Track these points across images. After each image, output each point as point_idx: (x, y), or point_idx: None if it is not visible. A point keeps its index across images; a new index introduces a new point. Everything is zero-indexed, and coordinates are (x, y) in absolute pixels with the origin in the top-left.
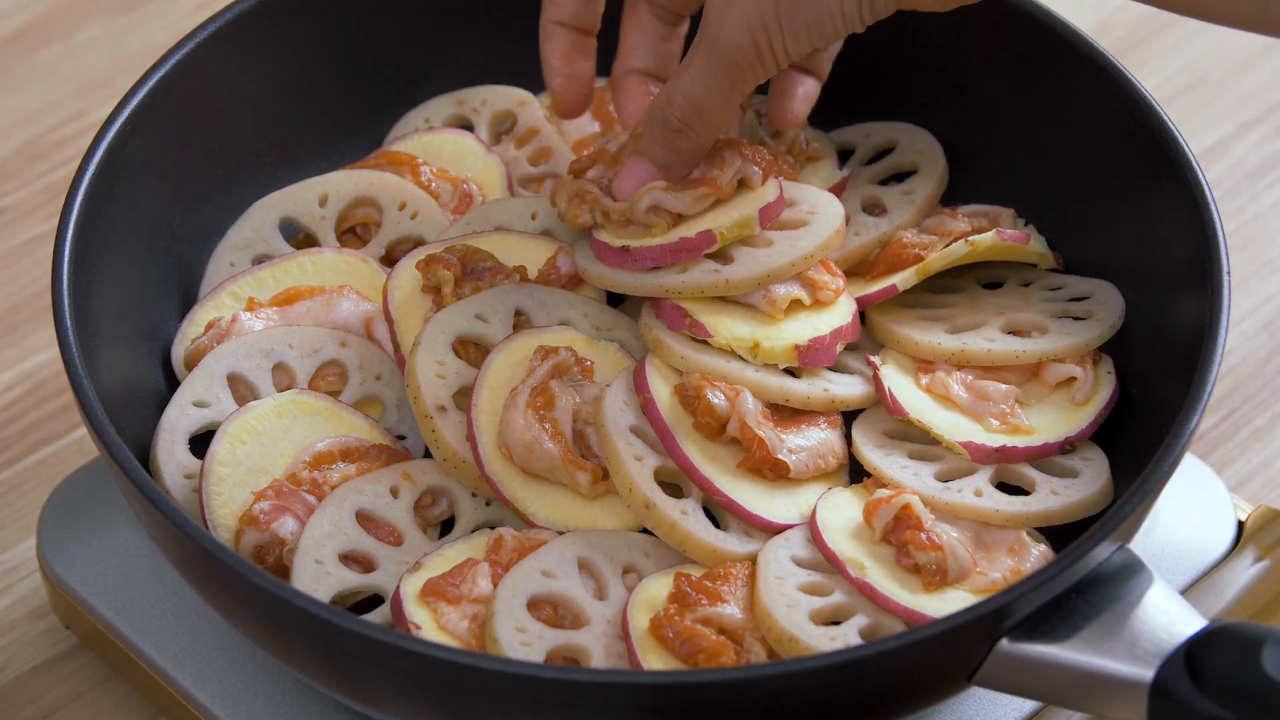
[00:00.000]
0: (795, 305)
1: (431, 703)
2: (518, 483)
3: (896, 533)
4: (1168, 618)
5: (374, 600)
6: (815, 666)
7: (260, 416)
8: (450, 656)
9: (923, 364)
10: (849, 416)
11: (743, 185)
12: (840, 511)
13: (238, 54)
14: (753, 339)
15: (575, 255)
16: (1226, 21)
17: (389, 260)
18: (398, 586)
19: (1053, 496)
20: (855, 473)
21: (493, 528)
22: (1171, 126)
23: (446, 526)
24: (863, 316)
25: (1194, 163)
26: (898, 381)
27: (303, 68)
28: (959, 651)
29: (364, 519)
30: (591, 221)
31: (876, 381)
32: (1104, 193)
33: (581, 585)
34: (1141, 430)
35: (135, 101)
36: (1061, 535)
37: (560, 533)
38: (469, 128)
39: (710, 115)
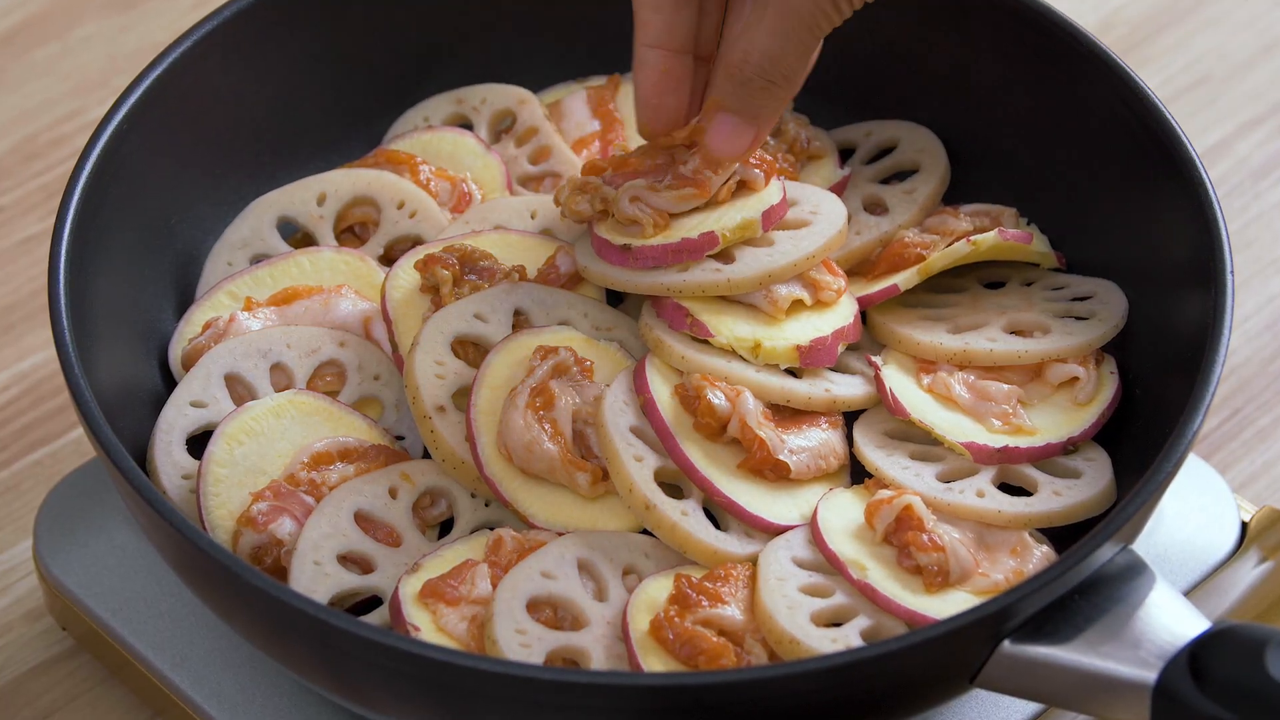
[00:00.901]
0: (797, 305)
1: (430, 705)
2: (517, 483)
3: (898, 534)
4: (1171, 619)
5: (373, 602)
6: (816, 668)
7: (258, 417)
8: (449, 658)
9: (924, 364)
10: (850, 417)
11: (745, 187)
12: (841, 512)
13: (235, 52)
14: (754, 339)
15: (576, 253)
16: None
17: (388, 260)
18: (396, 588)
19: (1055, 497)
20: (857, 473)
21: (492, 529)
22: (1175, 125)
23: (445, 528)
24: (864, 316)
25: (1197, 161)
26: (899, 382)
27: (301, 66)
28: (961, 653)
29: (362, 520)
30: (591, 211)
31: (878, 382)
32: (1107, 192)
33: (581, 586)
34: (1144, 431)
35: (132, 100)
36: (1064, 536)
37: (560, 534)
38: (468, 126)
39: (791, 70)
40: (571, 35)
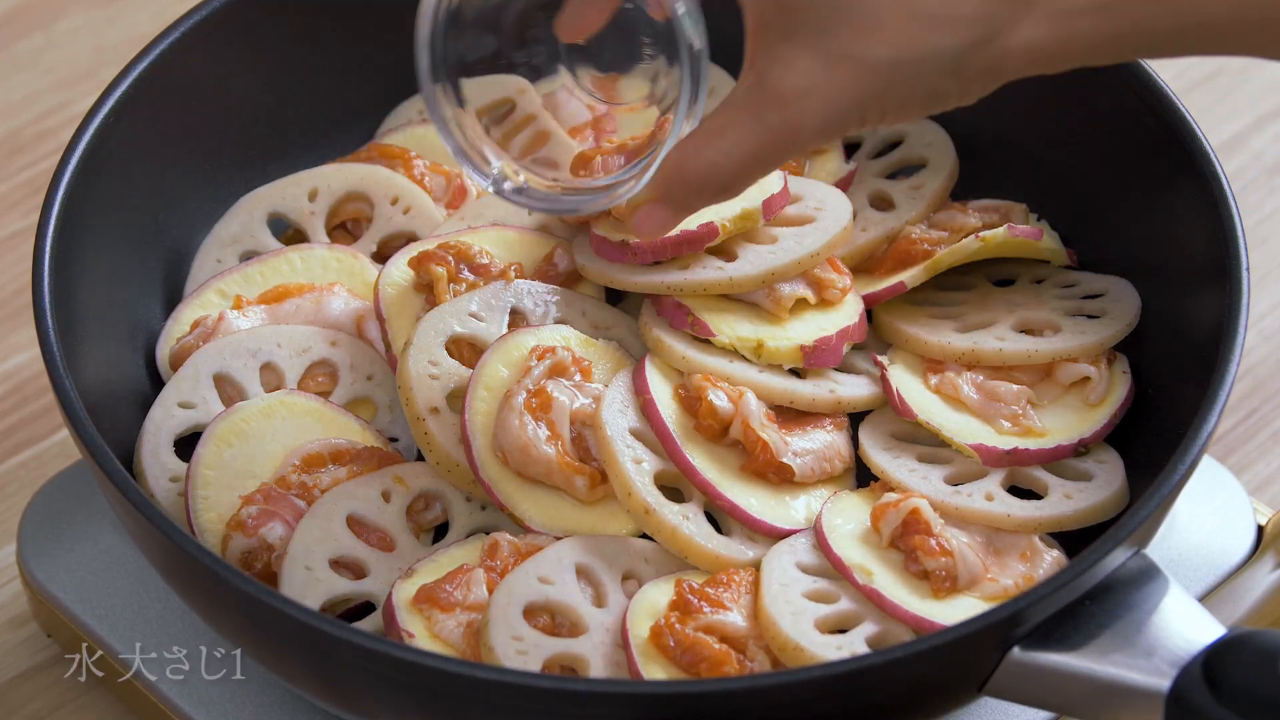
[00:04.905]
0: (801, 304)
1: (424, 713)
2: (513, 487)
3: (905, 538)
4: (1185, 625)
5: (365, 608)
6: (820, 676)
7: (248, 418)
8: (444, 666)
9: (932, 364)
10: (855, 418)
11: None
12: (847, 516)
13: (225, 44)
14: (757, 339)
15: (574, 251)
16: None
17: (381, 257)
18: (390, 593)
19: (1066, 500)
20: (862, 476)
21: (488, 533)
22: (1189, 119)
23: (440, 532)
24: (870, 315)
25: (1212, 156)
26: (906, 382)
27: (292, 57)
28: (969, 661)
29: (355, 524)
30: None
31: (884, 382)
32: (1119, 187)
33: (579, 592)
34: (1158, 432)
35: (119, 93)
36: (1075, 540)
37: (558, 538)
38: None
39: (751, 181)
40: None
